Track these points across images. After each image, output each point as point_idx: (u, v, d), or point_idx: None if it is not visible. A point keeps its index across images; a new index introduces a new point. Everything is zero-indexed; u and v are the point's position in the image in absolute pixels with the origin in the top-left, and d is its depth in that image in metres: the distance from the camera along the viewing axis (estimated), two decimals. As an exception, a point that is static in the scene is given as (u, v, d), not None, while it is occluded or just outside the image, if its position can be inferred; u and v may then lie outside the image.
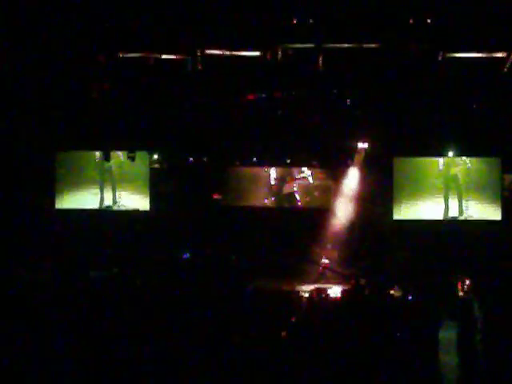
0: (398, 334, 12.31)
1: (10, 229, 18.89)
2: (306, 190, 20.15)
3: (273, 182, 20.26)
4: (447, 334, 12.85)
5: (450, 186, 19.01)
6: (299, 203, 20.19)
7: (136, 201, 20.10)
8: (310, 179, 19.99)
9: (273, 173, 20.25)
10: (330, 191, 19.90)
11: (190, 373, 10.60)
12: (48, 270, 17.17)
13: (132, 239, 19.59)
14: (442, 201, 19.03)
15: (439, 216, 19.03)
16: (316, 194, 20.07)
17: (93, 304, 13.57)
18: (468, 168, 18.78)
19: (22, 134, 18.80)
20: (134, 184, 20.13)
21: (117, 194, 20.20)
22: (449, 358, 12.06)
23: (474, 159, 18.80)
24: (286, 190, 20.28)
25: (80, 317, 12.73)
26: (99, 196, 20.26)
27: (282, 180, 20.28)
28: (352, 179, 19.49)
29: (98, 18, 16.01)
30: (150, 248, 19.19)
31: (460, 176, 18.91)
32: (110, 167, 20.10)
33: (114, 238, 19.69)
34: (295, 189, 20.15)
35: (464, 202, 18.91)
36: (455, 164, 18.90)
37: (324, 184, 20.05)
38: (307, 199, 20.08)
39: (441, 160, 18.96)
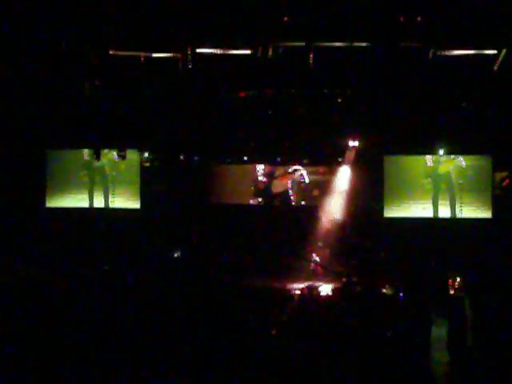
0: (390, 332, 12.32)
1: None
2: (298, 188, 20.15)
3: (265, 179, 20.23)
4: (438, 332, 12.88)
5: (440, 184, 19.04)
6: (293, 202, 20.19)
7: (126, 199, 20.02)
8: (305, 174, 19.95)
9: (265, 170, 20.21)
10: (320, 189, 19.90)
11: (180, 370, 10.58)
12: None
13: (123, 237, 19.52)
14: (432, 198, 19.06)
15: (430, 214, 19.05)
16: (307, 191, 20.08)
17: (84, 301, 13.56)
18: (461, 165, 18.79)
19: (11, 131, 18.69)
20: (124, 182, 20.06)
21: (108, 192, 20.13)
22: (440, 356, 12.09)
23: (465, 157, 18.82)
24: (280, 187, 20.26)
25: (71, 313, 12.73)
26: (89, 194, 20.17)
27: (273, 177, 20.26)
28: (343, 177, 19.50)
29: (88, 16, 15.95)
30: (141, 246, 19.13)
31: (451, 174, 18.93)
32: (101, 165, 20.02)
33: (104, 235, 19.62)
34: (289, 187, 20.15)
35: (455, 200, 18.93)
36: (446, 162, 18.93)
37: (315, 182, 20.06)
38: (299, 197, 20.09)
39: (432, 158, 18.98)
